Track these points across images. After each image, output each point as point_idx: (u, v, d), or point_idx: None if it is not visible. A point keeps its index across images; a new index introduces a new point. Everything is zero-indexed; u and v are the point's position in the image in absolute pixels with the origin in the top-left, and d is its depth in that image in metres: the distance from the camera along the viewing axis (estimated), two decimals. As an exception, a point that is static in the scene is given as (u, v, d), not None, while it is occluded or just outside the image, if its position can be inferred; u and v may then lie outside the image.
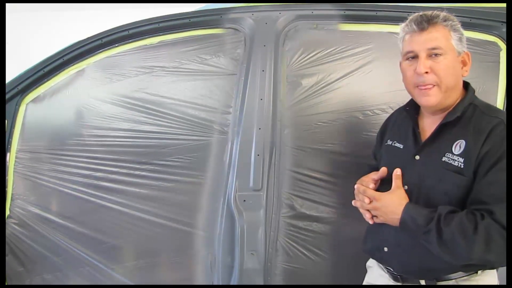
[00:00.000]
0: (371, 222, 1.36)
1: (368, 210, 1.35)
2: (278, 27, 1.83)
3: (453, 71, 1.27)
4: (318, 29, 1.85)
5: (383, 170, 1.40)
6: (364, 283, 1.56)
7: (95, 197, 1.86)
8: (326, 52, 1.84)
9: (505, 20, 1.74)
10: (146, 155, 1.86)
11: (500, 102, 1.78)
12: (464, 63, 1.32)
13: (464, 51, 1.31)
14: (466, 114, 1.29)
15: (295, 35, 1.85)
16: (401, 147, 1.42)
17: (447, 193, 1.26)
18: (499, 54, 1.78)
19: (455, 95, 1.31)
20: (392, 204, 1.29)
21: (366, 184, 1.40)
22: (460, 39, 1.29)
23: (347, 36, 1.84)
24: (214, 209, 1.86)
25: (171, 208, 1.87)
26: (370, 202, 1.33)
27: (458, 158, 1.25)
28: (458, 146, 1.26)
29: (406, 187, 1.34)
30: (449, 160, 1.26)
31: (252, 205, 1.81)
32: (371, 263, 1.54)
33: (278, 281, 1.85)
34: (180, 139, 1.85)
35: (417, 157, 1.34)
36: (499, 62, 1.78)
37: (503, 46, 1.78)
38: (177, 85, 1.86)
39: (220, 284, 1.86)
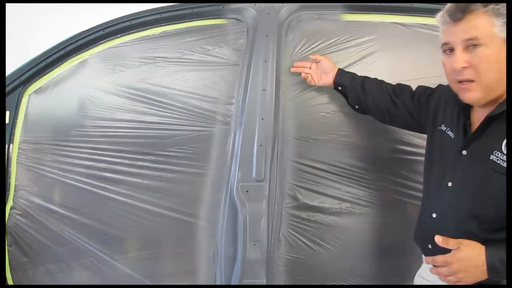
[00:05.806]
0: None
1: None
2: (281, 17, 1.82)
3: (496, 65, 1.10)
4: (321, 19, 1.84)
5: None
6: (417, 274, 1.47)
7: (98, 188, 1.86)
8: (329, 42, 1.83)
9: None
10: (149, 145, 1.86)
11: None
12: None
13: None
14: None
15: (298, 25, 1.84)
16: (452, 137, 1.28)
17: (494, 197, 1.13)
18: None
19: (503, 88, 1.13)
20: (469, 257, 1.10)
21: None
22: (505, 24, 1.09)
23: (350, 27, 1.83)
24: (217, 199, 1.87)
25: (174, 198, 1.87)
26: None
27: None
28: None
29: (450, 183, 1.24)
30: (497, 160, 1.12)
31: (254, 196, 1.80)
32: None
33: (280, 271, 1.86)
34: (182, 130, 1.85)
35: (464, 152, 1.21)
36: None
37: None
38: (180, 75, 1.85)
39: (223, 274, 1.87)
